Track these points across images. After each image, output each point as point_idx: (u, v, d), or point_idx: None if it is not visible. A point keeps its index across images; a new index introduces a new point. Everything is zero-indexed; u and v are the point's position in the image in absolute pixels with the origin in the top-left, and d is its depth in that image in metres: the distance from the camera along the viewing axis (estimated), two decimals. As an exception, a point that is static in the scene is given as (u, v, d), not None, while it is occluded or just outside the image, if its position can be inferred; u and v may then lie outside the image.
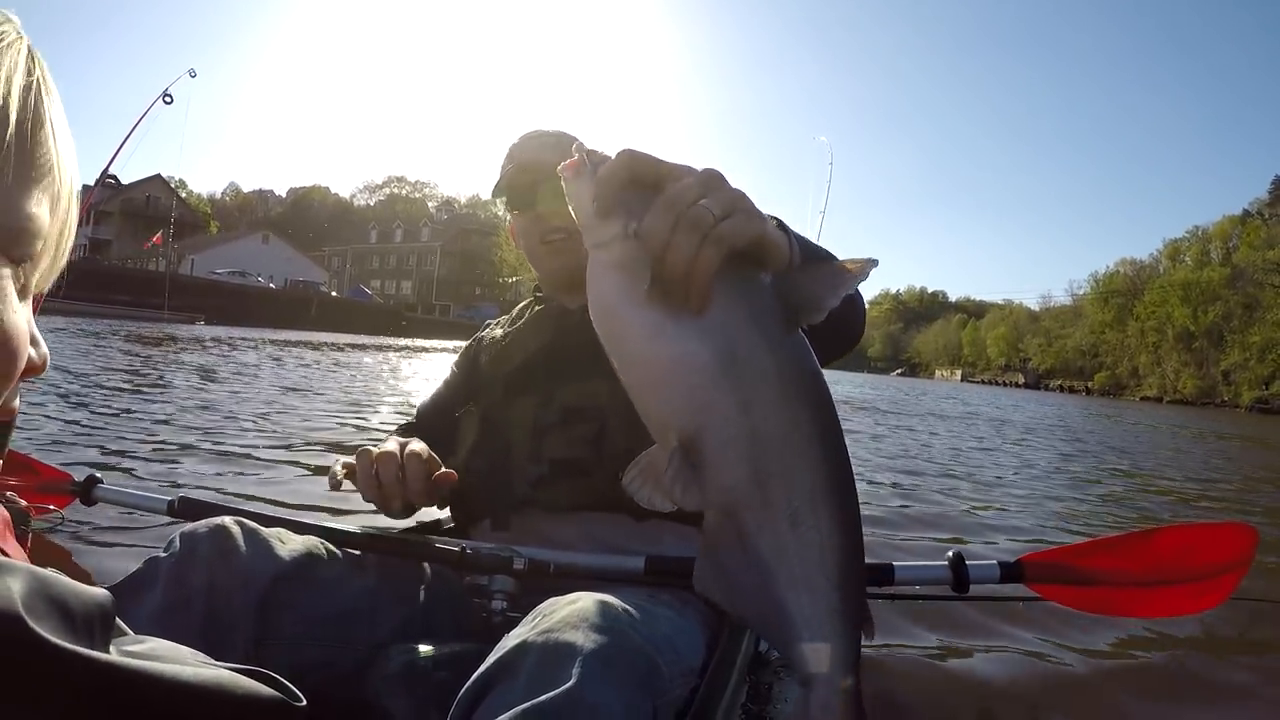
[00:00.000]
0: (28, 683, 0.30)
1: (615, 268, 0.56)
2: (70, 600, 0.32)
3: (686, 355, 0.54)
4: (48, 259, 0.42)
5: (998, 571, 1.18)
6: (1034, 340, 73.35)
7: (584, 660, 0.63)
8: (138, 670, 0.33)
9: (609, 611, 0.70)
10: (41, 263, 0.42)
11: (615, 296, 0.56)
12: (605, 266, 0.57)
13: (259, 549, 0.89)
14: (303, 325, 30.11)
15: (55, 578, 0.33)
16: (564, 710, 0.60)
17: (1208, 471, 6.46)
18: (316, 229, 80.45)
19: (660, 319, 0.54)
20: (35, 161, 0.39)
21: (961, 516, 3.15)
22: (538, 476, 1.05)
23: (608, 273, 0.56)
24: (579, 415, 1.06)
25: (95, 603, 0.33)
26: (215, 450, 3.29)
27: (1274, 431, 16.38)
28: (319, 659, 0.89)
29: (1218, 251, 56.87)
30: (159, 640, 0.40)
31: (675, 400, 0.55)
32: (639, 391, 0.57)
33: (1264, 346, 48.00)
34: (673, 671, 0.75)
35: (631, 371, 0.57)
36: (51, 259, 0.43)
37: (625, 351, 0.57)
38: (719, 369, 0.54)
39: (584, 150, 0.59)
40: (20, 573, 0.31)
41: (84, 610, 0.33)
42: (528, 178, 1.18)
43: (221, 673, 0.36)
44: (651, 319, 0.54)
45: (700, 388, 0.54)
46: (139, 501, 1.38)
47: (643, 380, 0.57)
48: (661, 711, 0.70)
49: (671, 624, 0.83)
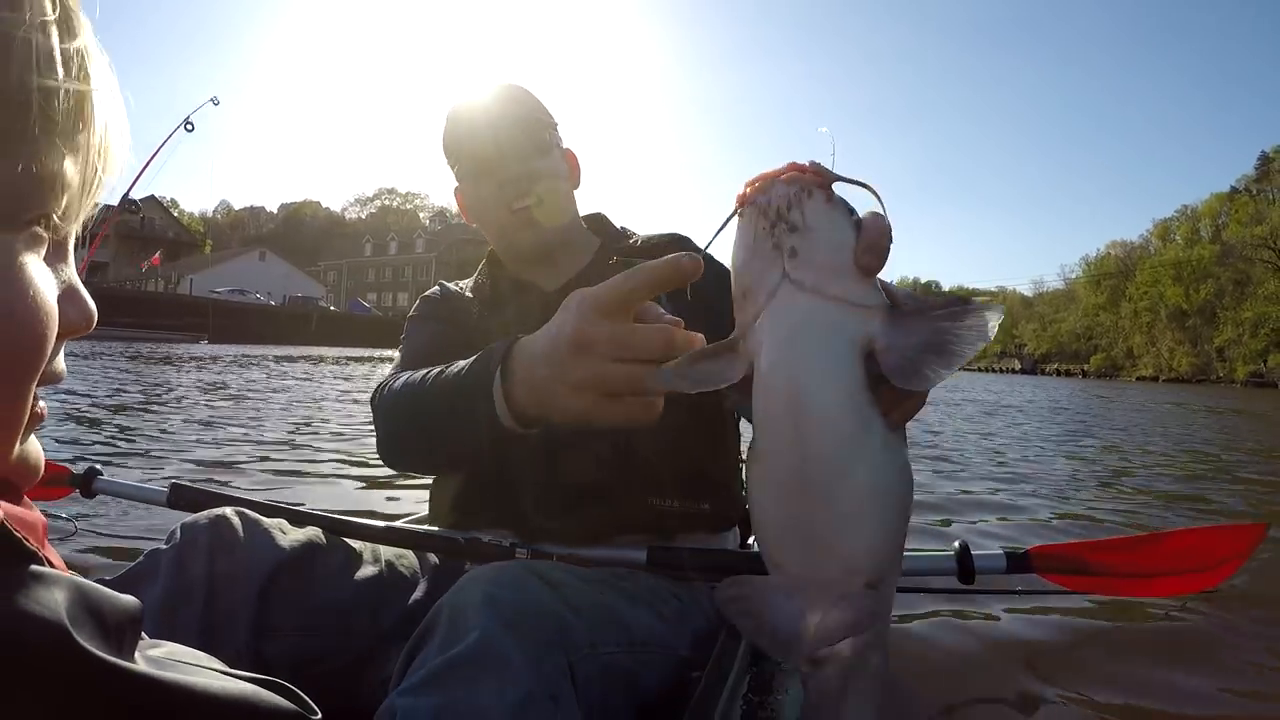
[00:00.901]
0: (70, 694, 0.30)
1: (861, 343, 0.47)
2: (105, 609, 0.33)
3: (905, 474, 0.49)
4: (77, 209, 0.38)
5: (1004, 562, 1.16)
6: (1029, 326, 73.70)
7: (489, 617, 0.66)
8: (169, 682, 0.34)
9: (518, 575, 0.73)
10: (70, 216, 0.37)
11: (857, 379, 0.47)
12: (848, 334, 0.47)
13: (259, 540, 0.88)
14: (303, 340, 30.41)
15: (92, 586, 0.33)
16: (470, 661, 0.63)
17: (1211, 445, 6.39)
18: (309, 244, 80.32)
19: (885, 425, 0.48)
20: (48, 114, 0.34)
21: (965, 505, 3.11)
22: (555, 505, 0.98)
23: (853, 344, 0.47)
24: (591, 432, 0.96)
25: (126, 612, 0.34)
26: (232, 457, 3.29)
27: (1271, 405, 16.34)
28: (320, 650, 0.88)
29: (1207, 229, 57.11)
30: (174, 645, 0.41)
31: (887, 528, 0.49)
32: (848, 510, 0.48)
33: (1256, 322, 48.30)
34: (601, 638, 0.76)
35: (850, 483, 0.47)
36: (81, 205, 0.39)
37: (849, 454, 0.47)
38: (912, 494, 0.50)
39: (825, 171, 0.49)
40: (63, 584, 0.32)
41: (115, 619, 0.33)
42: (486, 136, 1.03)
43: (244, 685, 0.37)
44: (881, 423, 0.48)
45: (904, 517, 0.50)
46: (139, 493, 1.36)
47: (860, 497, 0.48)
48: (589, 670, 0.72)
49: (619, 600, 0.84)
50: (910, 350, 0.46)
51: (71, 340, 0.41)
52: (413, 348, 1.09)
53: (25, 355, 0.35)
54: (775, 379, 0.48)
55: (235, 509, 0.91)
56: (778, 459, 0.49)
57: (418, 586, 0.98)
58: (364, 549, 0.99)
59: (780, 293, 0.48)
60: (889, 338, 0.47)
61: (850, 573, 0.49)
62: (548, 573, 0.77)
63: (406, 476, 2.87)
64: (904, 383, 0.46)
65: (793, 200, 0.48)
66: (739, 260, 0.50)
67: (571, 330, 0.57)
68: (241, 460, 3.42)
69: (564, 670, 0.68)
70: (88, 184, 0.37)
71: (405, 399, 0.82)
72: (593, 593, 0.80)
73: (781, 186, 0.48)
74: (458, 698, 0.61)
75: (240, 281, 44.59)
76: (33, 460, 0.39)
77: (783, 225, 0.48)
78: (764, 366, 0.49)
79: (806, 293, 0.47)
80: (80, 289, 0.40)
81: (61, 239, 0.38)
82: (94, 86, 0.36)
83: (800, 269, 0.47)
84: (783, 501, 0.49)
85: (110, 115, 0.38)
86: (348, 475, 3.19)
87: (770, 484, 0.50)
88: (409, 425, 0.82)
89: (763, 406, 0.49)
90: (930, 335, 0.47)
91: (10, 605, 0.30)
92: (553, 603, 0.72)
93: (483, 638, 0.64)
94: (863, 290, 0.48)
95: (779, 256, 0.48)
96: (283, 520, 0.95)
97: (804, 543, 0.50)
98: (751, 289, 0.49)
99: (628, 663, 0.78)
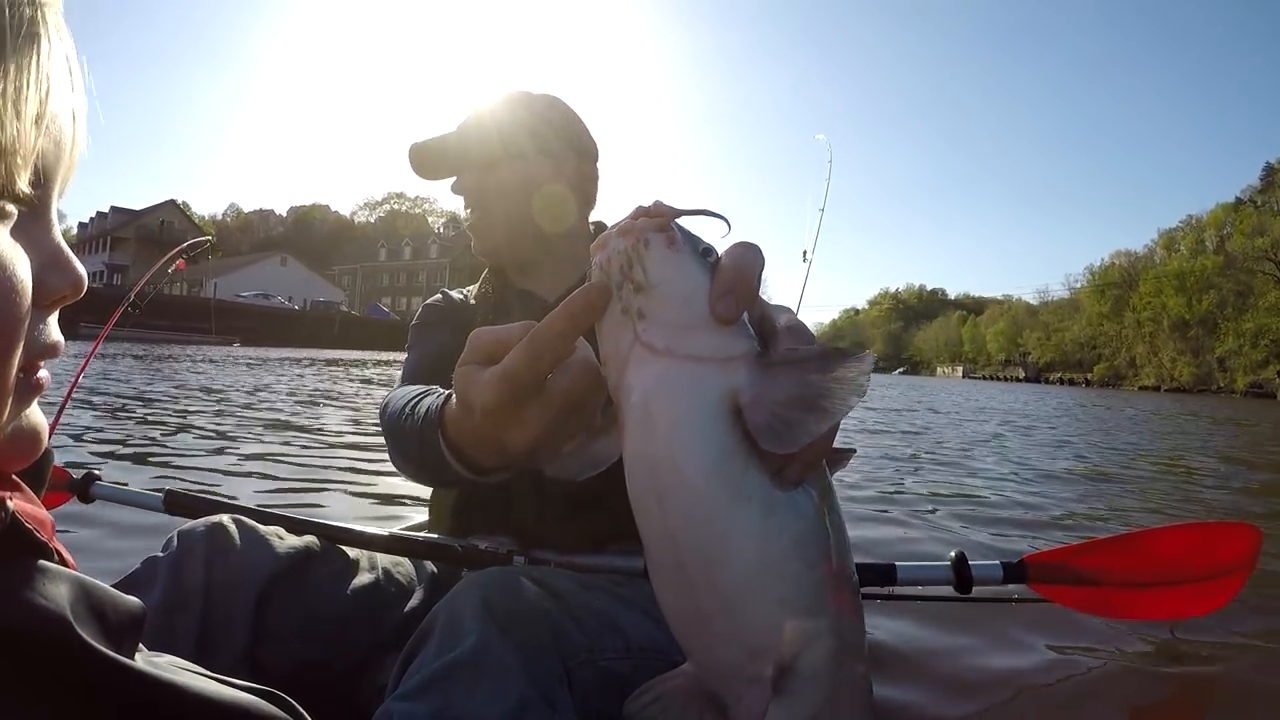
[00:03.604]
0: (71, 686, 0.31)
1: (724, 403, 0.42)
2: (108, 608, 0.33)
3: (807, 535, 0.44)
4: (55, 176, 0.37)
5: (1000, 572, 1.16)
6: (1033, 334, 73.84)
7: (486, 622, 0.67)
8: (168, 682, 0.34)
9: (515, 581, 0.74)
10: (44, 183, 0.36)
11: (722, 446, 0.42)
12: (706, 396, 0.42)
13: (256, 547, 0.89)
14: (327, 344, 31.21)
15: (97, 585, 0.34)
16: (466, 665, 0.64)
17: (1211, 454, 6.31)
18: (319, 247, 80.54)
19: (771, 488, 0.43)
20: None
21: (964, 512, 3.11)
22: (548, 513, 0.99)
23: (712, 406, 0.42)
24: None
25: (129, 612, 0.35)
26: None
27: (1270, 414, 16.24)
28: (318, 658, 0.88)
29: (1212, 240, 57.34)
30: (171, 656, 0.41)
31: (788, 602, 0.43)
32: (732, 593, 0.42)
33: (1257, 332, 48.66)
34: (598, 643, 0.77)
35: (728, 563, 0.42)
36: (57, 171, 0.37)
37: (720, 531, 0.42)
38: (827, 555, 0.44)
39: (666, 208, 0.45)
40: (69, 580, 0.33)
41: (118, 618, 0.34)
42: (460, 140, 1.06)
43: (240, 694, 0.38)
44: (764, 486, 0.42)
45: (816, 585, 0.43)
46: (137, 499, 1.35)
47: (744, 576, 0.42)
48: (585, 676, 0.73)
49: (615, 606, 0.84)
50: (778, 406, 0.41)
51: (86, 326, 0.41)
52: (413, 363, 1.09)
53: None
54: (633, 455, 0.44)
55: (232, 516, 0.91)
56: (652, 544, 0.45)
57: (415, 594, 0.98)
58: (361, 556, 0.99)
59: (633, 359, 0.44)
60: (754, 391, 0.42)
61: (753, 657, 0.43)
62: (545, 579, 0.77)
63: (405, 484, 2.79)
64: (772, 444, 0.41)
65: (631, 254, 0.44)
66: (596, 326, 0.46)
67: (460, 393, 0.51)
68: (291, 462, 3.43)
69: (560, 675, 0.69)
70: (60, 148, 0.36)
71: (390, 433, 0.77)
72: (589, 599, 0.81)
73: (616, 241, 0.45)
74: (454, 702, 0.62)
75: (262, 286, 45.62)
76: (28, 432, 0.37)
77: (628, 285, 0.44)
78: (625, 443, 0.45)
79: (658, 355, 0.43)
80: (67, 255, 0.38)
81: (39, 207, 0.36)
82: (38, 49, 0.34)
83: (649, 330, 0.43)
84: (666, 588, 0.45)
85: (73, 78, 0.37)
86: (352, 483, 3.17)
87: (652, 566, 0.46)
88: (401, 459, 0.76)
89: (629, 485, 0.45)
90: (799, 389, 0.41)
91: (16, 597, 0.31)
92: (550, 608, 0.72)
93: (479, 643, 0.65)
94: (721, 341, 0.43)
95: (629, 321, 0.44)
96: (279, 528, 0.95)
97: (697, 629, 0.45)
98: (609, 358, 0.45)
99: (624, 668, 0.78)
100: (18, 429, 0.37)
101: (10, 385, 0.35)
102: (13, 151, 0.33)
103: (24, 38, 0.34)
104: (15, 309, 0.34)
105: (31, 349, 0.36)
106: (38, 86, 0.34)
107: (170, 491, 1.25)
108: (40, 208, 0.37)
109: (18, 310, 0.34)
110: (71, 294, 0.38)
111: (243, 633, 0.84)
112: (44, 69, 0.35)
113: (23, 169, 0.34)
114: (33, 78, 0.34)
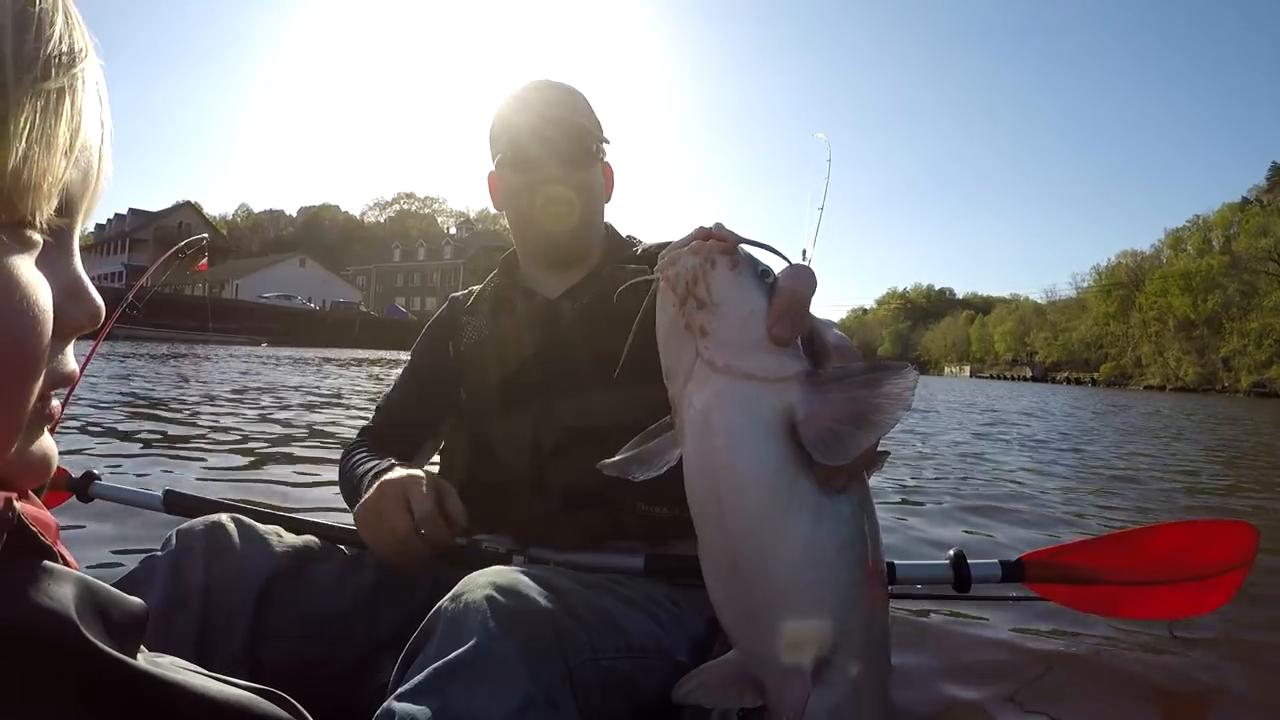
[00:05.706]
0: (75, 685, 0.31)
1: (779, 419, 0.46)
2: (111, 608, 0.34)
3: (851, 540, 0.48)
4: (79, 206, 0.37)
5: (999, 570, 1.16)
6: (1040, 334, 73.56)
7: (487, 620, 0.66)
8: (170, 681, 0.34)
9: (518, 580, 0.73)
10: (69, 213, 0.36)
11: (777, 458, 0.46)
12: (762, 413, 0.46)
13: (255, 547, 0.89)
14: (348, 344, 31.48)
15: (100, 585, 0.34)
16: (469, 665, 0.64)
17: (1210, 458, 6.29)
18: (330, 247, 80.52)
19: (819, 495, 0.47)
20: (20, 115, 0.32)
21: (964, 513, 3.10)
22: (547, 511, 1.00)
23: (768, 422, 0.46)
24: (581, 437, 0.99)
25: (132, 612, 0.35)
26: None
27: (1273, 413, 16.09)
28: (318, 656, 0.88)
29: (1219, 240, 57.12)
30: (171, 657, 0.41)
31: (830, 601, 0.48)
32: (781, 592, 0.48)
33: (1261, 332, 48.57)
34: (600, 643, 0.76)
35: (779, 565, 0.47)
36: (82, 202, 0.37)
37: (772, 536, 0.47)
38: (865, 558, 0.48)
39: (729, 234, 0.49)
40: (73, 580, 0.33)
41: (121, 618, 0.34)
42: (536, 133, 1.05)
43: (241, 693, 0.38)
44: (813, 495, 0.47)
45: (855, 585, 0.48)
46: (136, 498, 1.34)
47: (792, 577, 0.47)
48: (588, 676, 0.73)
49: (617, 605, 0.84)
50: (830, 421, 0.46)
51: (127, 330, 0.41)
52: (402, 384, 1.22)
53: (14, 360, 0.34)
54: (694, 464, 0.49)
55: (231, 515, 0.92)
56: (707, 542, 0.50)
57: (415, 593, 0.98)
58: (361, 555, 0.99)
59: (695, 374, 0.48)
60: (808, 408, 0.47)
61: (795, 649, 0.48)
62: (546, 578, 0.77)
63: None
64: (825, 457, 0.45)
65: (698, 273, 0.48)
66: (660, 338, 0.51)
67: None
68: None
69: (563, 675, 0.69)
70: (87, 179, 0.37)
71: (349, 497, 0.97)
72: (591, 598, 0.81)
73: (687, 258, 0.48)
74: (456, 702, 0.62)
75: (282, 286, 46.12)
76: (40, 458, 0.38)
77: (692, 302, 0.48)
78: (685, 451, 0.49)
79: (719, 373, 0.47)
80: (86, 285, 0.39)
81: (61, 237, 0.37)
82: (75, 84, 0.35)
83: (711, 348, 0.47)
84: (719, 585, 0.51)
85: (103, 109, 0.37)
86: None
87: (707, 564, 0.51)
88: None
89: (689, 490, 0.50)
90: (849, 405, 0.46)
91: (22, 597, 0.31)
92: (552, 608, 0.72)
93: (481, 642, 0.65)
94: (777, 361, 0.47)
95: (691, 336, 0.48)
96: (278, 527, 0.96)
97: (745, 622, 0.51)
98: (672, 370, 0.50)
99: (626, 668, 0.78)
100: (30, 455, 0.37)
101: (28, 414, 0.36)
102: (41, 183, 0.33)
103: (57, 70, 0.34)
104: (38, 340, 0.35)
105: (49, 378, 0.36)
106: (69, 120, 0.34)
107: (169, 491, 1.25)
108: (64, 237, 0.37)
109: (40, 341, 0.35)
110: (89, 324, 0.39)
111: (242, 632, 0.84)
112: (77, 102, 0.35)
113: (50, 200, 0.34)
114: (65, 111, 0.34)
